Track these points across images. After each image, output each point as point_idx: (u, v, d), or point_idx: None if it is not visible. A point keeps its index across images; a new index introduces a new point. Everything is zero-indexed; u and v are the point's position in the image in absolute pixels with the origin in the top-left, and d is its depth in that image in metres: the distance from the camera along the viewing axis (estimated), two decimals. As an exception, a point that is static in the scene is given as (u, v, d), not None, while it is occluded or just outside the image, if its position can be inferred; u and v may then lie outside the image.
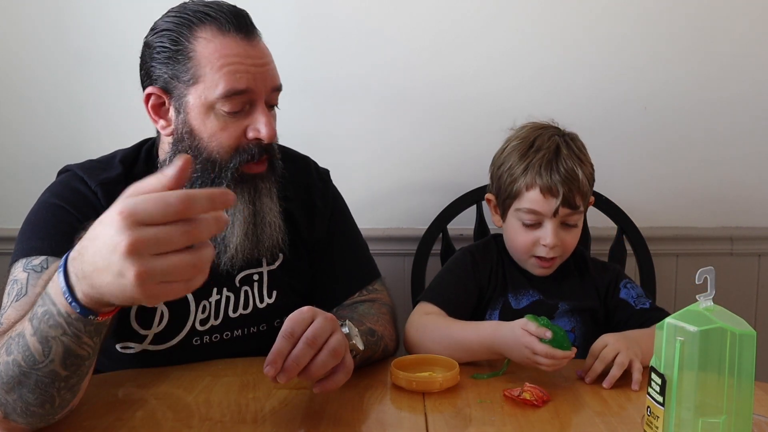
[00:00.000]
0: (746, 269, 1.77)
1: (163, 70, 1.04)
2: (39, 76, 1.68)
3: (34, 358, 0.75)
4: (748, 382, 0.68)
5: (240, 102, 1.02)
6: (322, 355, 0.86)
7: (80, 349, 0.75)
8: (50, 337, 0.74)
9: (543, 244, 1.20)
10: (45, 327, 0.73)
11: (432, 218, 1.58)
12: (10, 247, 1.70)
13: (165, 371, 1.05)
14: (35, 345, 0.75)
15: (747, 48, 1.69)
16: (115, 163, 1.11)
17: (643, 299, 1.25)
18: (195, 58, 1.01)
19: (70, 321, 0.72)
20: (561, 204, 1.18)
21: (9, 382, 0.77)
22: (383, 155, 1.70)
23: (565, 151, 1.21)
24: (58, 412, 0.81)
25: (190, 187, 1.01)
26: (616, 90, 1.69)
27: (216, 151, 1.03)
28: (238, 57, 1.01)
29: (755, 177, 1.74)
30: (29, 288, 0.94)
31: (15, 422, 0.81)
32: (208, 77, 1.00)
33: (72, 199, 1.05)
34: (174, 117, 1.05)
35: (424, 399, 0.96)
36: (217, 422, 0.87)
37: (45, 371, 0.76)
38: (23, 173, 1.71)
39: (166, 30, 1.04)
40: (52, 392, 0.78)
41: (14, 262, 1.00)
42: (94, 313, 0.71)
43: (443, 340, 1.11)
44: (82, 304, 0.70)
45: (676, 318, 0.70)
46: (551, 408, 0.93)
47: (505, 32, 1.67)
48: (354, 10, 1.64)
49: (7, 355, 0.77)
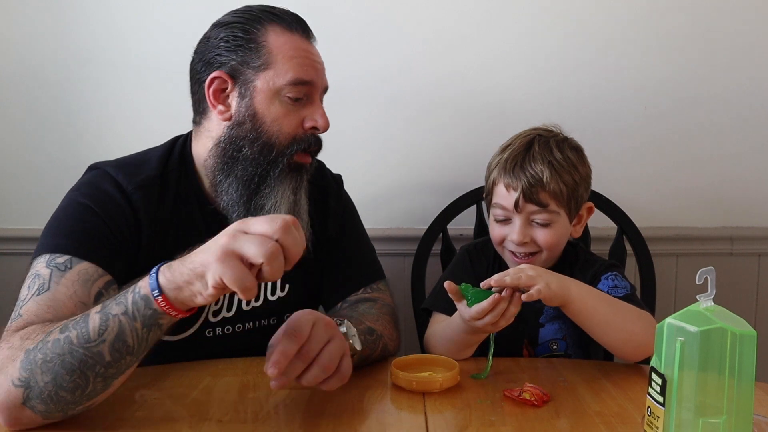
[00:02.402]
0: (746, 269, 1.77)
1: (232, 57, 1.09)
2: (39, 77, 1.68)
3: (89, 335, 0.81)
4: (748, 383, 0.68)
5: (303, 91, 1.10)
6: (313, 369, 0.87)
7: (131, 335, 0.82)
8: (111, 315, 0.82)
9: (510, 240, 1.22)
10: (112, 304, 0.83)
11: (432, 218, 1.58)
12: (10, 247, 1.72)
13: (165, 371, 1.05)
14: (95, 321, 0.82)
15: (747, 48, 1.69)
16: (149, 162, 1.13)
17: (620, 289, 1.21)
18: (267, 47, 1.08)
19: (136, 299, 0.81)
20: (524, 199, 1.19)
21: (52, 360, 0.81)
22: (383, 155, 1.70)
23: (536, 148, 1.23)
24: (83, 402, 0.83)
25: (243, 171, 1.09)
26: (616, 90, 1.69)
27: (276, 136, 1.09)
28: (305, 52, 1.11)
29: (755, 177, 1.74)
30: (52, 284, 0.95)
31: (32, 409, 0.82)
32: (278, 65, 1.08)
33: (101, 200, 1.06)
34: (237, 101, 1.10)
35: (424, 399, 0.96)
36: (217, 422, 0.87)
37: (93, 351, 0.81)
38: (23, 173, 1.71)
39: (234, 23, 1.11)
40: (89, 376, 0.82)
41: (37, 256, 1.00)
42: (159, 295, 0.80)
43: (446, 342, 1.15)
44: (160, 283, 0.80)
45: (676, 318, 0.70)
46: (551, 408, 0.93)
47: (506, 32, 1.67)
48: (354, 11, 1.65)
49: (60, 332, 0.82)
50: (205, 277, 0.77)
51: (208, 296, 0.79)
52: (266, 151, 1.09)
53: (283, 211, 1.10)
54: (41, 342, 0.83)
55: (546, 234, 1.21)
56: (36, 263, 0.99)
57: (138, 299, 0.81)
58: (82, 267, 0.97)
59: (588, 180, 1.28)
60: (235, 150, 1.09)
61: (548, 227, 1.21)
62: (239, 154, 1.09)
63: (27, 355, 0.83)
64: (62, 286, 0.95)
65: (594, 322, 1.08)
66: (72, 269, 0.97)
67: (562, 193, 1.20)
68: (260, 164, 1.09)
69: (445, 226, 1.58)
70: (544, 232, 1.21)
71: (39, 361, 0.81)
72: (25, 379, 0.82)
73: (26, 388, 0.81)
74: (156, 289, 0.80)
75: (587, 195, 1.28)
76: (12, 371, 0.82)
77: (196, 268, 0.78)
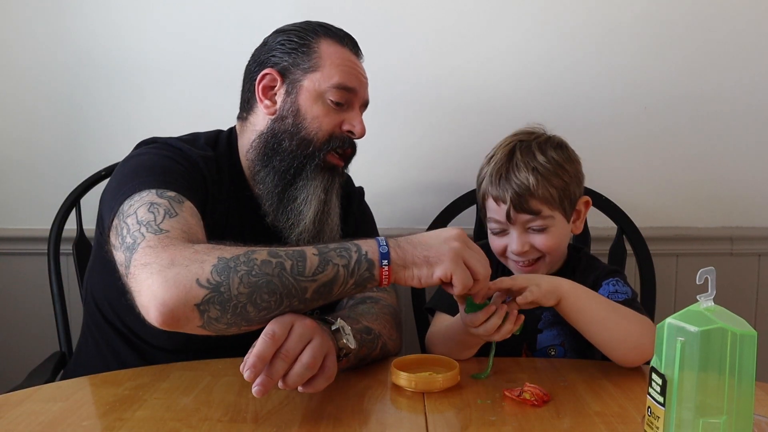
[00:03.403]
0: (746, 269, 1.77)
1: (285, 57, 1.18)
2: (39, 77, 1.68)
3: (303, 270, 0.87)
4: (748, 383, 0.68)
5: (344, 97, 1.18)
6: (296, 367, 0.86)
7: (339, 286, 0.89)
8: (332, 262, 0.89)
9: (510, 251, 1.23)
10: (332, 253, 0.90)
11: (432, 218, 1.58)
12: (10, 247, 1.72)
13: (165, 371, 1.05)
14: (312, 261, 0.88)
15: (748, 48, 1.69)
16: (200, 143, 1.19)
17: (620, 294, 1.20)
18: (318, 52, 1.18)
19: (360, 259, 0.90)
20: (514, 210, 1.19)
21: (257, 276, 0.85)
22: (383, 155, 1.70)
23: (519, 156, 1.21)
24: (253, 324, 0.87)
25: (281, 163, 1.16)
26: (616, 90, 1.69)
27: (314, 132, 1.16)
28: (352, 63, 1.20)
29: (755, 177, 1.74)
30: (178, 211, 0.97)
31: (202, 313, 0.84)
32: (326, 69, 1.17)
33: (181, 156, 1.11)
34: (282, 98, 1.18)
35: (424, 399, 0.96)
36: (217, 422, 0.87)
37: (301, 285, 0.87)
38: (23, 173, 1.71)
39: (291, 30, 1.21)
40: (283, 303, 0.87)
41: (131, 194, 0.99)
42: (386, 265, 0.90)
43: (448, 342, 1.15)
44: (390, 256, 0.91)
45: (676, 318, 0.70)
46: (551, 408, 0.93)
47: (506, 32, 1.67)
48: (354, 11, 1.65)
49: (270, 256, 0.87)
50: (433, 267, 0.91)
51: (427, 283, 0.92)
52: (304, 145, 1.16)
53: (314, 205, 1.17)
54: (244, 256, 0.86)
55: (544, 239, 1.21)
56: (138, 198, 0.98)
57: (362, 259, 0.90)
58: (189, 203, 1.01)
59: (579, 176, 1.26)
60: (276, 142, 1.17)
61: (545, 232, 1.21)
62: (279, 146, 1.17)
63: (223, 262, 0.85)
64: (186, 214, 0.98)
65: (587, 319, 1.07)
66: (184, 204, 1.00)
67: (552, 196, 1.19)
68: (297, 157, 1.16)
69: (445, 226, 1.58)
70: (542, 237, 1.21)
71: (241, 272, 0.85)
72: (216, 283, 0.84)
73: (213, 291, 0.84)
74: (386, 259, 0.90)
75: (581, 190, 1.27)
76: (198, 271, 0.84)
77: (430, 256, 0.92)
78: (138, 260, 0.89)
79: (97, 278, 1.19)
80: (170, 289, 0.83)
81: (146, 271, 0.86)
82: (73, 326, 1.42)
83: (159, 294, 0.84)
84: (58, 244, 1.45)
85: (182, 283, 0.84)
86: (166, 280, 0.84)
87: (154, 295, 0.84)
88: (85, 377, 1.03)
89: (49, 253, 1.44)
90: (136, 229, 0.93)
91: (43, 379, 1.27)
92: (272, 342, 0.84)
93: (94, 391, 0.98)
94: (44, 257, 1.45)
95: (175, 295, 0.83)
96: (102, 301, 1.18)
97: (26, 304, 1.74)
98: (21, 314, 1.74)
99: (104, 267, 1.13)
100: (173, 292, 0.83)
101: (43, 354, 1.42)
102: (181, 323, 0.85)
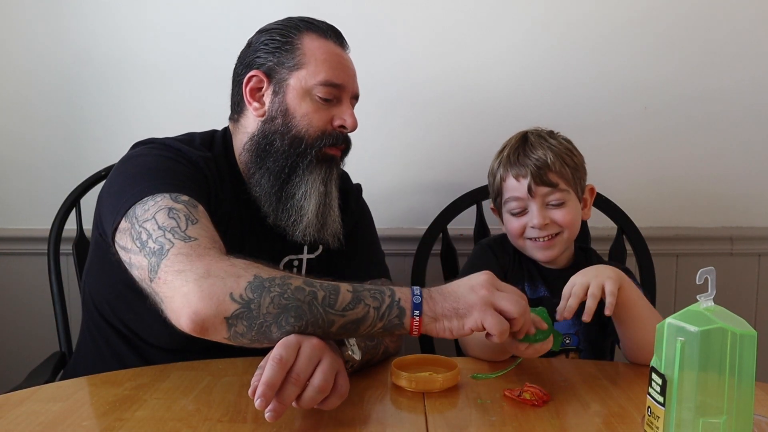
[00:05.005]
0: (746, 269, 1.77)
1: (269, 58, 1.17)
2: (39, 77, 1.68)
3: (335, 303, 0.88)
4: (748, 383, 0.68)
5: (332, 93, 1.17)
6: (308, 392, 0.84)
7: (366, 326, 0.90)
8: (364, 302, 0.89)
9: (531, 226, 1.26)
10: (367, 294, 0.90)
11: (432, 218, 1.58)
12: (10, 247, 1.72)
13: (165, 371, 1.05)
14: (345, 297, 0.89)
15: (748, 48, 1.69)
16: (196, 143, 1.18)
17: None
18: (301, 49, 1.16)
19: (392, 305, 0.90)
20: (535, 183, 1.24)
21: (288, 299, 0.86)
22: (383, 155, 1.70)
23: (532, 138, 1.29)
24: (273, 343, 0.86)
25: (274, 164, 1.15)
26: (616, 89, 1.69)
27: (305, 130, 1.16)
28: (338, 57, 1.19)
29: (755, 176, 1.74)
30: (197, 217, 0.97)
31: (229, 327, 0.86)
32: (311, 66, 1.15)
33: (182, 157, 1.11)
34: (270, 99, 1.17)
35: (424, 399, 0.96)
36: (217, 422, 0.87)
37: (329, 317, 0.88)
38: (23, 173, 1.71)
39: (274, 29, 1.20)
40: (307, 330, 0.87)
41: (142, 197, 0.99)
42: (417, 316, 0.90)
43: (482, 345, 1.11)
44: (422, 308, 0.90)
45: (676, 318, 0.70)
46: (551, 408, 0.93)
47: (506, 32, 1.67)
48: (354, 11, 1.65)
49: (305, 284, 0.88)
50: (463, 319, 0.90)
51: (460, 335, 0.91)
52: (296, 143, 1.16)
53: (314, 198, 1.16)
54: (280, 279, 0.88)
55: (563, 213, 1.26)
56: (153, 202, 0.98)
57: (394, 306, 0.90)
58: (201, 208, 1.01)
59: (584, 167, 1.32)
60: (268, 143, 1.17)
61: (563, 206, 1.26)
62: (271, 147, 1.16)
63: (258, 280, 0.87)
64: (204, 220, 0.98)
65: (634, 315, 1.09)
66: (198, 208, 1.00)
67: (567, 174, 1.26)
68: (290, 156, 1.16)
69: (445, 226, 1.58)
70: (561, 211, 1.26)
71: (275, 293, 0.86)
72: (248, 300, 0.86)
73: (244, 307, 0.85)
74: (418, 310, 0.90)
75: (585, 180, 1.33)
76: (233, 285, 0.86)
77: (459, 308, 0.90)
78: (170, 266, 0.90)
79: (96, 278, 1.18)
80: (204, 300, 0.85)
81: (181, 278, 0.88)
82: (73, 326, 1.42)
83: (193, 302, 0.86)
84: (58, 244, 1.44)
85: (216, 295, 0.86)
86: (202, 289, 0.86)
87: (188, 303, 0.86)
88: (85, 377, 1.03)
89: (49, 253, 1.43)
90: (159, 235, 0.93)
91: (43, 379, 1.27)
92: (280, 367, 0.81)
93: (94, 391, 0.98)
94: (44, 257, 1.45)
95: (208, 305, 0.85)
96: (101, 302, 1.18)
97: (26, 304, 1.74)
98: (21, 314, 1.74)
99: (103, 267, 1.12)
100: (207, 303, 0.85)
101: (43, 354, 1.41)
102: (210, 333, 0.87)
